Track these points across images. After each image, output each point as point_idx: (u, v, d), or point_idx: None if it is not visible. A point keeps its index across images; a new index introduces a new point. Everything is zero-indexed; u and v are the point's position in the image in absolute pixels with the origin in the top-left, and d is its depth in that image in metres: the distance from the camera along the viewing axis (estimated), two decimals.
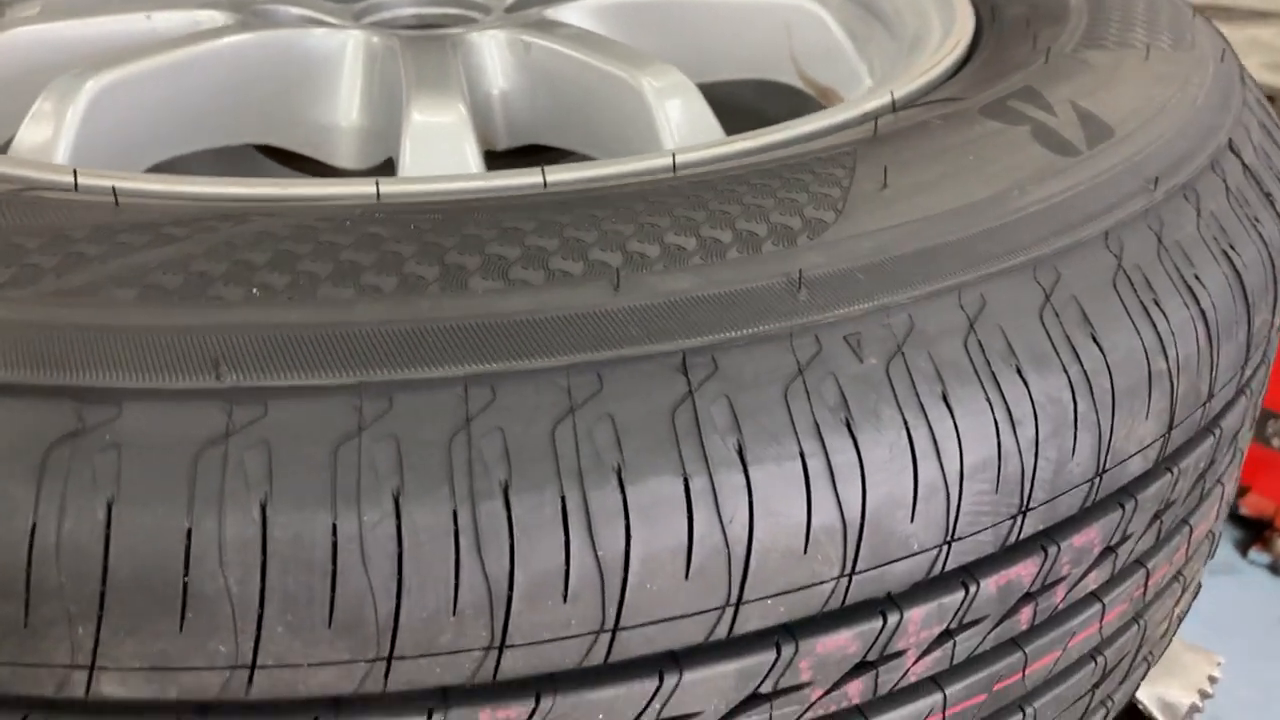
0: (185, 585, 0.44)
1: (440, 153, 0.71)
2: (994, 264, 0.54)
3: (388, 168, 0.87)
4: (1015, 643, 0.58)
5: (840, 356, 0.50)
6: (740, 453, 0.47)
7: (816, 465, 0.48)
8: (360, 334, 0.47)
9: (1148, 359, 0.57)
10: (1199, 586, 0.81)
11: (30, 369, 0.46)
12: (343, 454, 0.45)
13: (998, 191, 0.58)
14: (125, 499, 0.44)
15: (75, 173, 0.59)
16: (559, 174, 0.60)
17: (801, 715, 0.53)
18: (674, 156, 0.60)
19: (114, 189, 0.55)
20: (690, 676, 0.49)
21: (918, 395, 0.50)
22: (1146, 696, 0.85)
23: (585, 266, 0.50)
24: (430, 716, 0.47)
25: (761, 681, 0.51)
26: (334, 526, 0.44)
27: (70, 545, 0.44)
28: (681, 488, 0.47)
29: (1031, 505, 0.54)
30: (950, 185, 0.58)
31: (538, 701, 0.48)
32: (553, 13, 0.91)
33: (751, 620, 0.49)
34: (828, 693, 0.53)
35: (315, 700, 0.47)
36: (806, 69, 0.95)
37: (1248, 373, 0.67)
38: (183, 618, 0.44)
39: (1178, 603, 0.73)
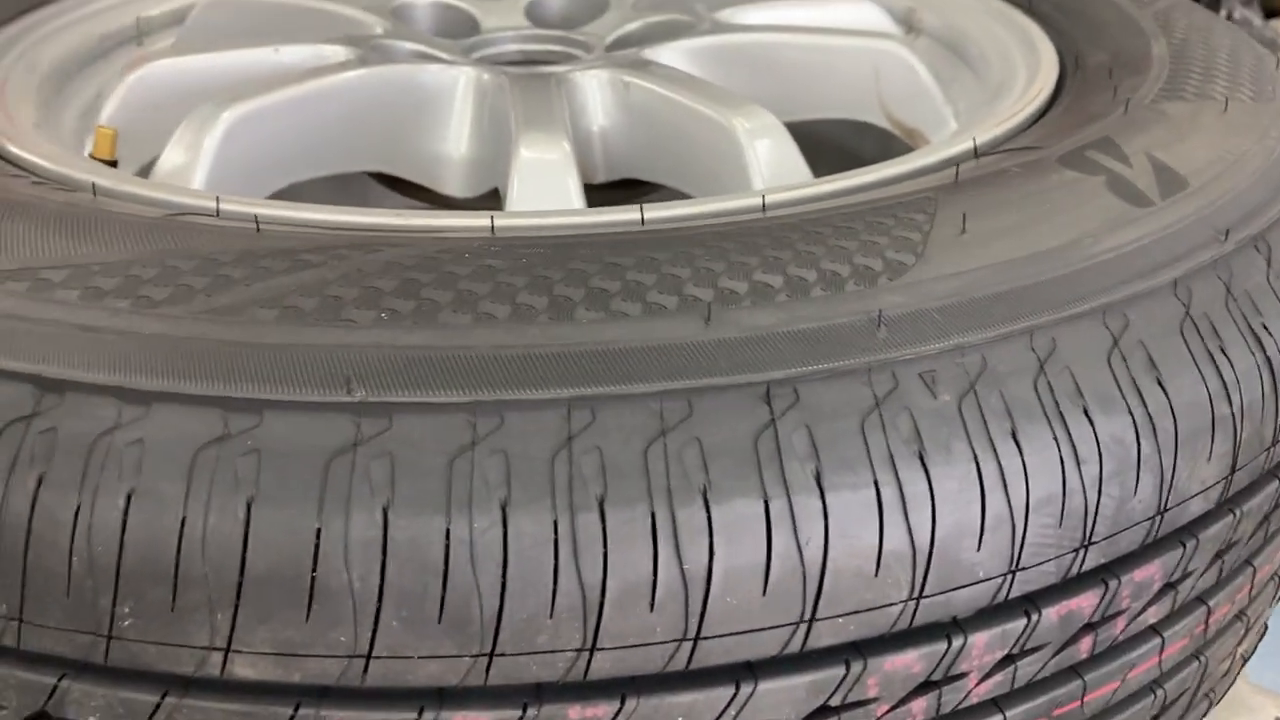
0: (313, 579, 0.49)
1: (545, 188, 0.76)
2: (1065, 309, 0.57)
3: (493, 196, 0.92)
4: (1075, 671, 0.61)
5: (915, 392, 0.54)
6: (818, 479, 0.51)
7: (890, 494, 0.52)
8: (475, 357, 0.52)
9: (1212, 404, 0.60)
10: (1265, 628, 0.82)
11: (183, 379, 0.51)
12: (458, 465, 0.50)
13: (1071, 239, 0.61)
14: (263, 500, 0.49)
15: (218, 199, 0.65)
16: (656, 212, 0.64)
17: None
18: (764, 197, 0.65)
19: (256, 216, 0.60)
20: (765, 687, 0.53)
21: (988, 431, 0.54)
22: None
23: (679, 301, 0.55)
24: (525, 711, 0.52)
25: (831, 695, 0.54)
26: (447, 531, 0.49)
27: (214, 539, 0.49)
28: (762, 509, 0.51)
29: (1094, 540, 0.57)
30: (1026, 232, 0.61)
31: (623, 702, 0.52)
32: (650, 53, 0.96)
33: (824, 637, 0.53)
34: (893, 709, 0.56)
35: (423, 690, 0.52)
36: (893, 111, 0.98)
37: None
38: (309, 609, 0.50)
39: (1241, 642, 0.74)
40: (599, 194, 0.94)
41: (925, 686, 0.56)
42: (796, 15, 1.06)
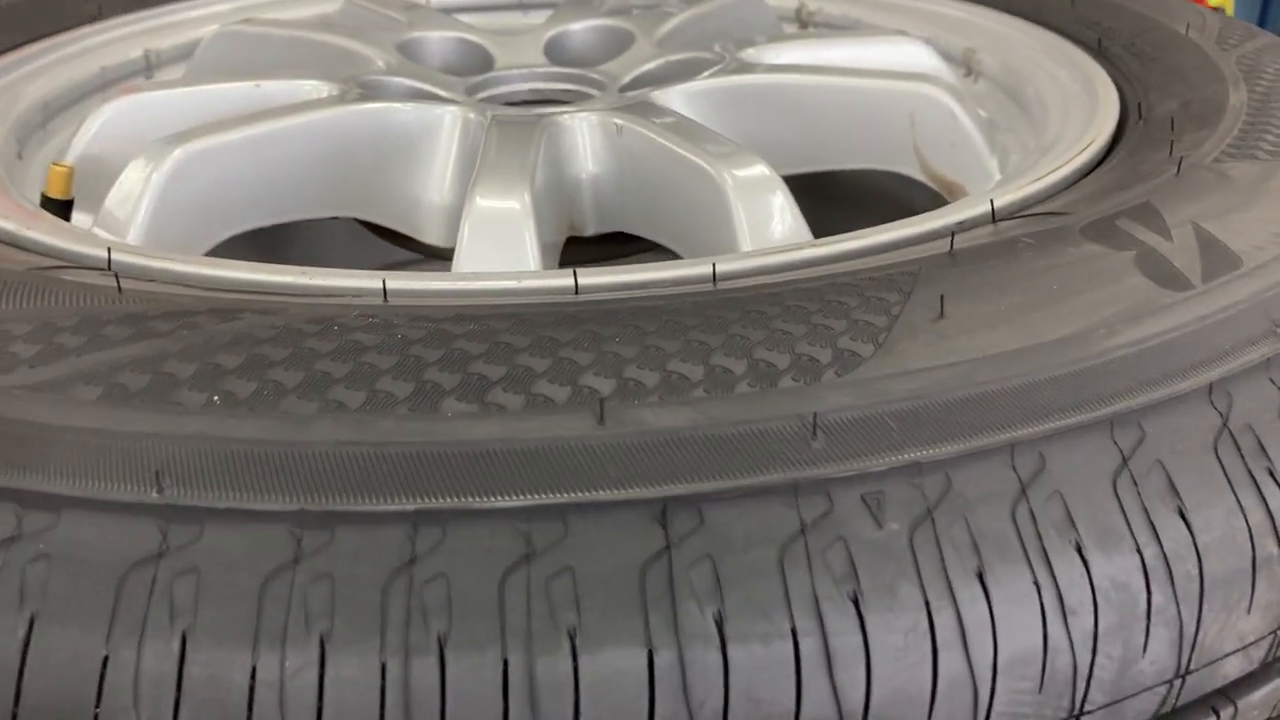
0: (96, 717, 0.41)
1: (500, 241, 0.67)
2: (1060, 418, 0.46)
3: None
4: None
5: (855, 518, 0.43)
6: (719, 626, 0.41)
7: (811, 647, 0.41)
8: (311, 455, 0.43)
9: (1253, 541, 0.48)
10: None
11: None
12: (272, 589, 0.41)
13: (1079, 330, 0.50)
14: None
15: (109, 250, 0.58)
16: (593, 279, 0.55)
17: None
18: (714, 266, 0.55)
19: (118, 274, 0.53)
20: None
21: (945, 571, 0.43)
22: None
23: (572, 392, 0.45)
24: None
25: None
26: (253, 670, 0.40)
27: None
28: (645, 662, 0.41)
29: (1087, 709, 0.45)
30: (1022, 319, 0.50)
31: None
32: (660, 95, 0.87)
33: None
34: None
35: None
36: (930, 162, 0.87)
37: None
38: None
39: None
40: (592, 248, 0.86)
41: None
42: (833, 55, 0.96)
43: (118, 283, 0.53)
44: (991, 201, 0.63)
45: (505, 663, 0.40)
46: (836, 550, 0.42)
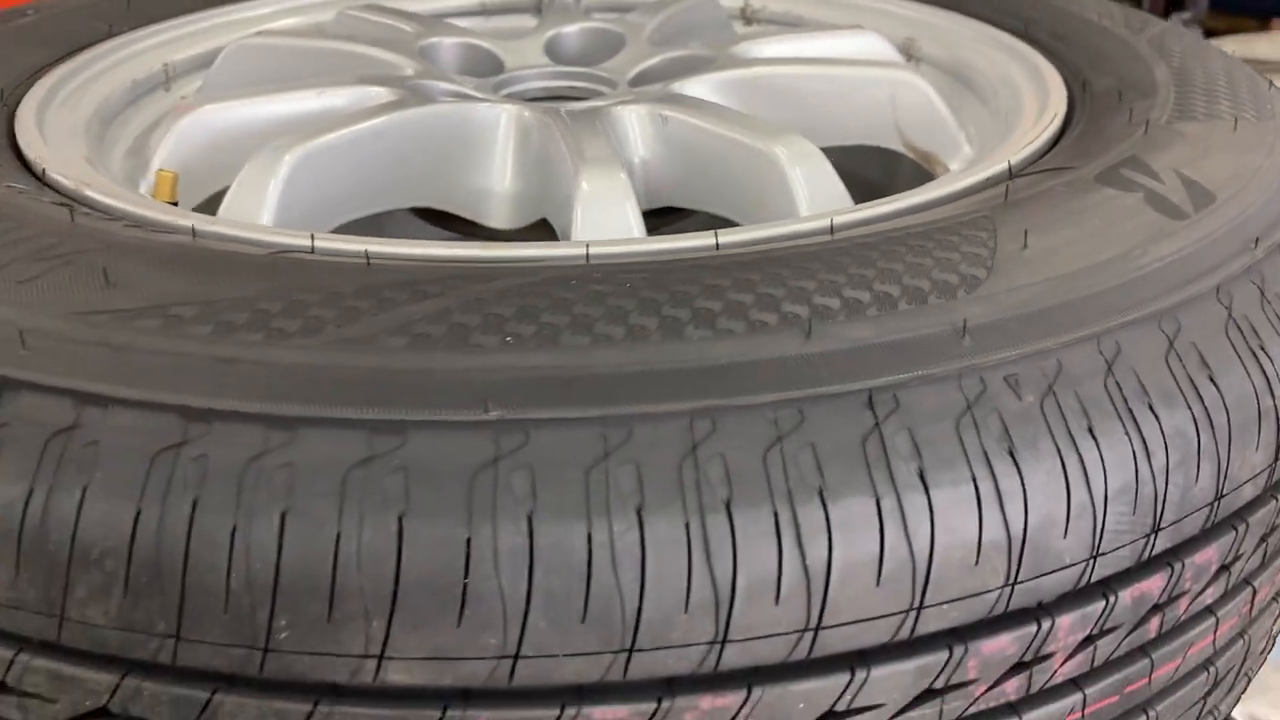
0: (465, 587, 0.53)
1: (607, 217, 0.80)
2: (1124, 315, 0.62)
3: (535, 230, 0.96)
4: (1144, 650, 0.66)
5: (1002, 395, 0.58)
6: (922, 477, 0.55)
7: (986, 489, 0.56)
8: (599, 375, 0.56)
9: (1257, 397, 0.65)
10: None
11: (326, 405, 0.54)
12: (594, 475, 0.53)
13: (1123, 251, 0.66)
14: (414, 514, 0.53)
15: (313, 237, 0.68)
16: (730, 237, 0.69)
17: (966, 709, 0.60)
18: (831, 220, 0.69)
19: (366, 252, 0.64)
20: (877, 672, 0.57)
21: (1068, 428, 0.58)
22: (1239, 713, 0.92)
23: (779, 318, 0.59)
24: (660, 703, 0.55)
25: (935, 678, 0.58)
26: (589, 536, 0.53)
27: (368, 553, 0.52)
28: (874, 507, 0.55)
29: (1162, 525, 0.62)
30: (1081, 246, 0.67)
31: (749, 691, 0.56)
32: (679, 87, 1.01)
33: (930, 623, 0.57)
34: (989, 689, 0.60)
35: (565, 688, 0.55)
36: (910, 137, 1.03)
37: None
38: (461, 615, 0.53)
39: (1276, 621, 0.80)
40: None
41: (1017, 667, 0.61)
42: (805, 48, 1.11)
43: (367, 259, 0.63)
44: (1009, 161, 0.79)
45: (775, 514, 0.54)
46: (993, 418, 0.57)
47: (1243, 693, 0.81)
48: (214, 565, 0.53)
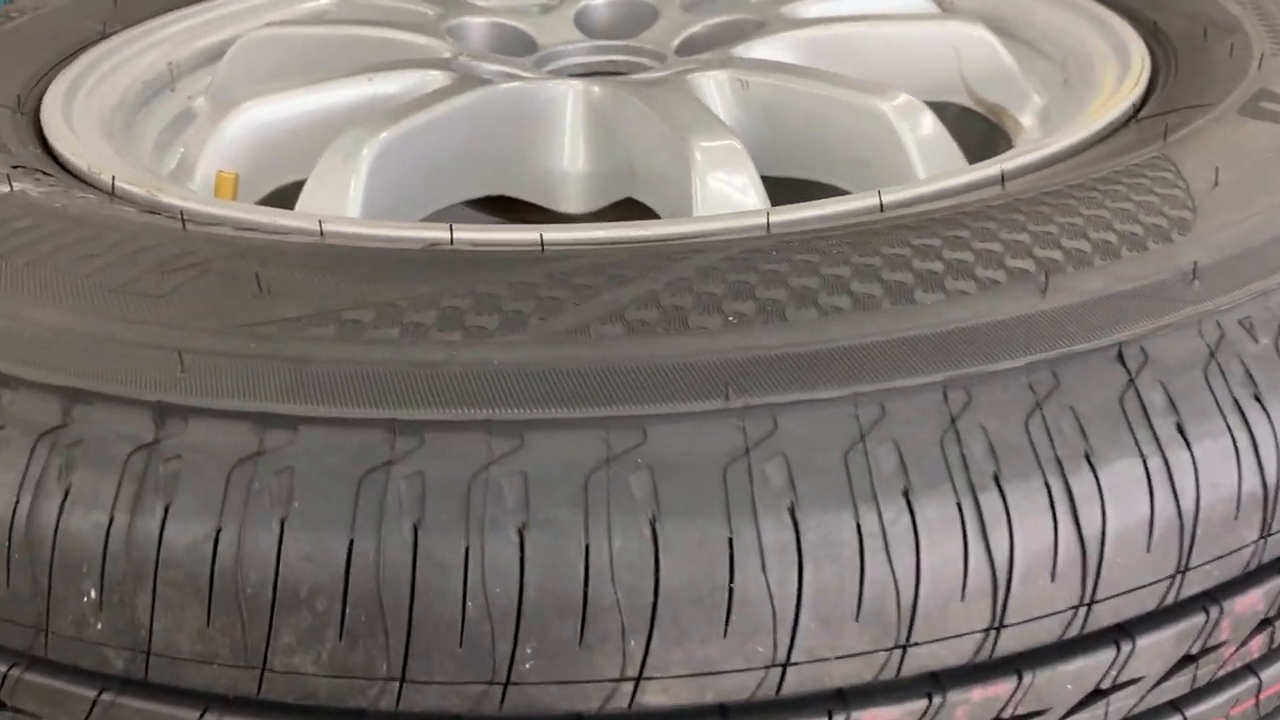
0: (731, 591, 0.48)
1: (729, 185, 0.75)
2: None
3: (609, 212, 0.91)
4: None
5: (1240, 339, 0.55)
6: (1181, 432, 0.52)
7: (1242, 439, 0.53)
8: (841, 349, 0.51)
9: None
10: None
11: (558, 405, 0.49)
12: (853, 459, 0.49)
13: None
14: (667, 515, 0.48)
15: (450, 229, 0.62)
16: (893, 195, 0.65)
17: (1215, 673, 0.58)
18: (1001, 170, 0.66)
19: (541, 237, 0.58)
20: (1141, 643, 0.54)
21: None
22: None
23: (1007, 275, 0.55)
24: (931, 700, 0.51)
25: (1193, 644, 0.55)
26: (858, 526, 0.48)
27: (622, 562, 0.47)
28: (1141, 468, 0.51)
29: None
30: (1264, 178, 0.64)
31: (1020, 678, 0.52)
32: (740, 51, 0.96)
33: (1192, 585, 0.54)
34: (1237, 649, 0.58)
35: (831, 693, 0.51)
36: (977, 90, 1.00)
37: None
38: (728, 622, 0.48)
39: None
40: None
41: (1263, 624, 0.58)
42: (852, 4, 1.07)
43: (542, 245, 0.58)
44: (1135, 105, 0.77)
45: (1047, 485, 0.50)
46: (1235, 364, 0.54)
47: None
48: (446, 593, 0.48)
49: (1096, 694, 0.54)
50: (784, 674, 0.49)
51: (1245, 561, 0.55)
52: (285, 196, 0.90)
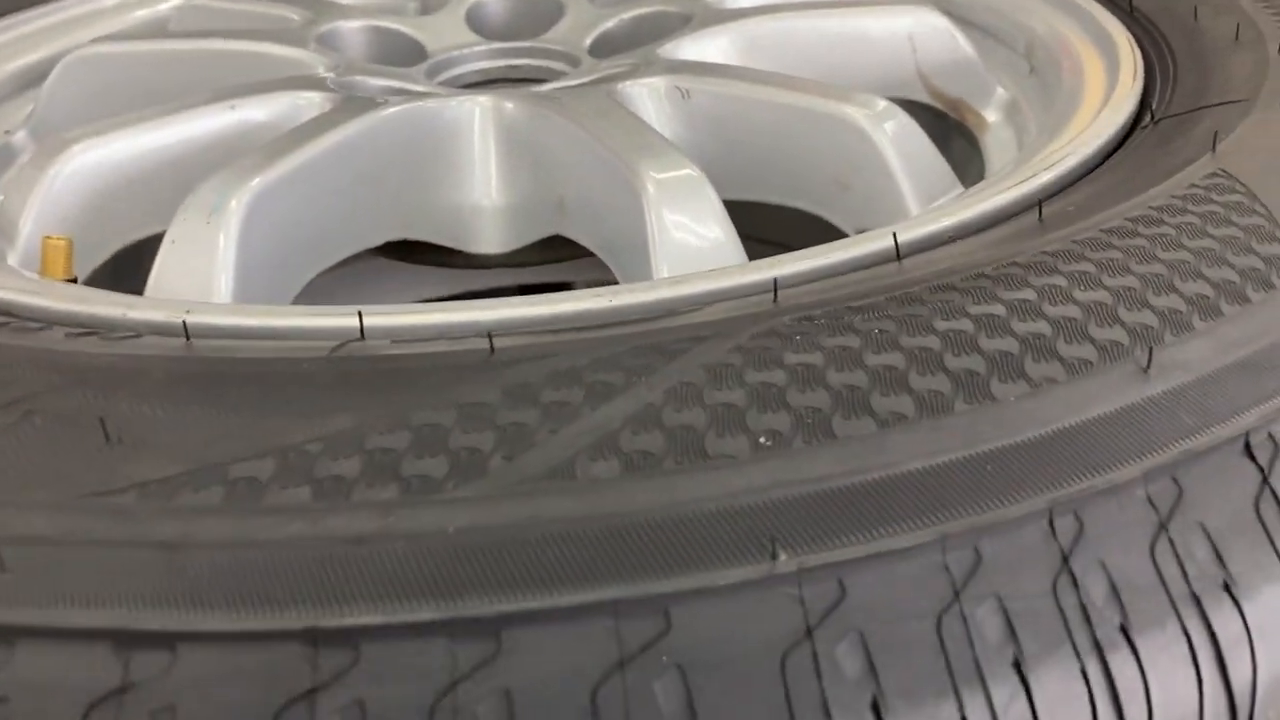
0: None
1: (691, 217, 0.62)
2: None
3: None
4: None
5: None
6: None
7: None
8: (912, 474, 0.39)
9: None
10: None
11: (545, 589, 0.35)
12: (947, 625, 0.37)
13: None
14: None
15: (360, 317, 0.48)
16: (911, 233, 0.53)
17: None
18: (1040, 205, 0.54)
19: (490, 338, 0.44)
20: None
21: None
22: None
23: (1096, 349, 0.43)
24: None
25: None
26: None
27: None
28: None
29: None
30: None
31: None
32: (666, 52, 0.83)
33: None
34: None
35: None
36: (935, 83, 0.89)
37: None
38: None
39: None
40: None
41: None
42: None
43: (491, 346, 0.44)
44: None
45: (1184, 629, 0.38)
46: None
47: None
48: None
49: None
50: None
51: None
52: (129, 259, 0.74)
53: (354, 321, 0.48)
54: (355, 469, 0.38)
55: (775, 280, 0.47)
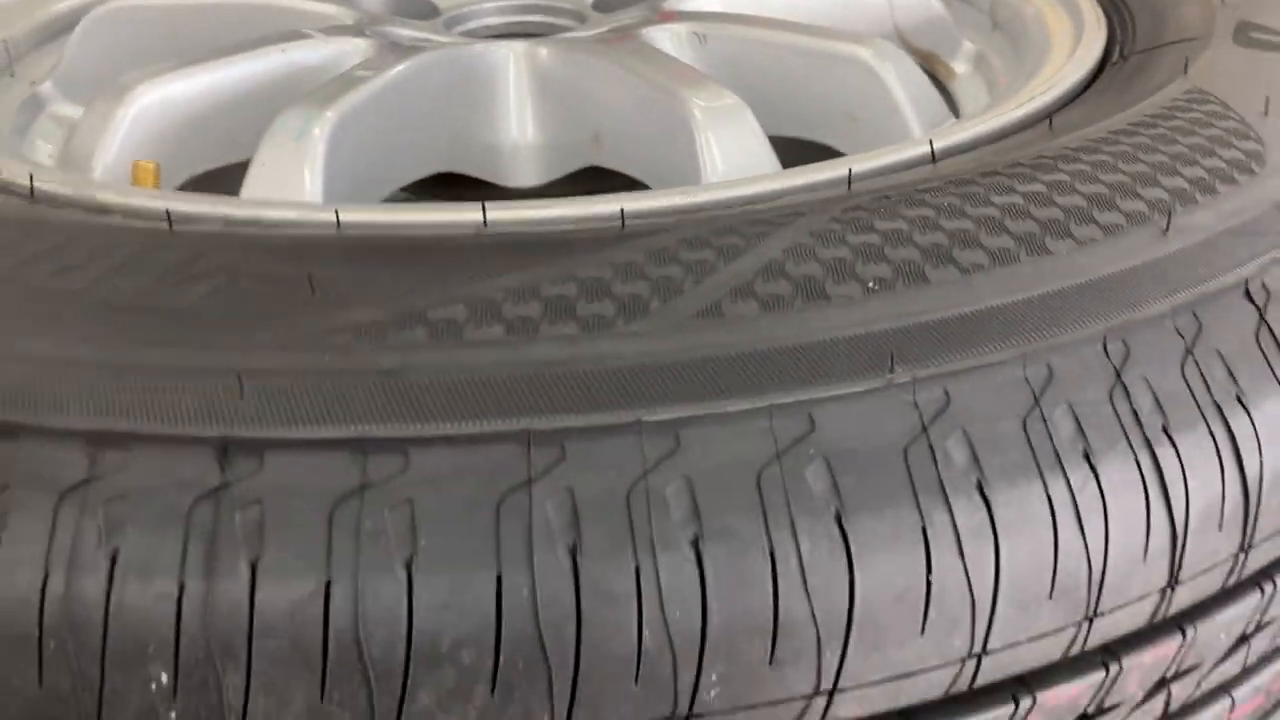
0: (929, 585, 0.43)
1: (739, 139, 0.69)
2: None
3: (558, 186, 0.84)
4: None
5: None
6: None
7: None
8: (1004, 307, 0.47)
9: None
10: None
11: (713, 398, 0.43)
12: (1031, 425, 0.45)
13: None
14: (853, 510, 0.42)
15: (483, 208, 0.55)
16: (944, 140, 0.61)
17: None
18: (1051, 117, 0.63)
19: (621, 210, 0.51)
20: None
21: None
22: None
23: (1126, 218, 0.52)
24: (1108, 669, 0.48)
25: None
26: (1049, 498, 0.44)
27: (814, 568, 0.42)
28: None
29: None
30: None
31: (1183, 634, 0.50)
32: (672, 4, 0.90)
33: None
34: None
35: (1018, 677, 0.47)
36: (911, 38, 0.98)
37: None
38: (925, 619, 0.43)
39: None
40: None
41: None
42: None
43: (623, 221, 0.51)
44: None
45: (1210, 432, 0.48)
46: None
47: None
48: (616, 625, 0.41)
49: (1244, 639, 0.53)
50: (979, 665, 0.45)
51: None
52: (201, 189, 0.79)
53: (479, 215, 0.54)
54: (538, 311, 0.45)
55: (850, 171, 0.56)
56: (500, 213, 0.55)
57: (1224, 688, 0.55)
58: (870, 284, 0.47)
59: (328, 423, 0.42)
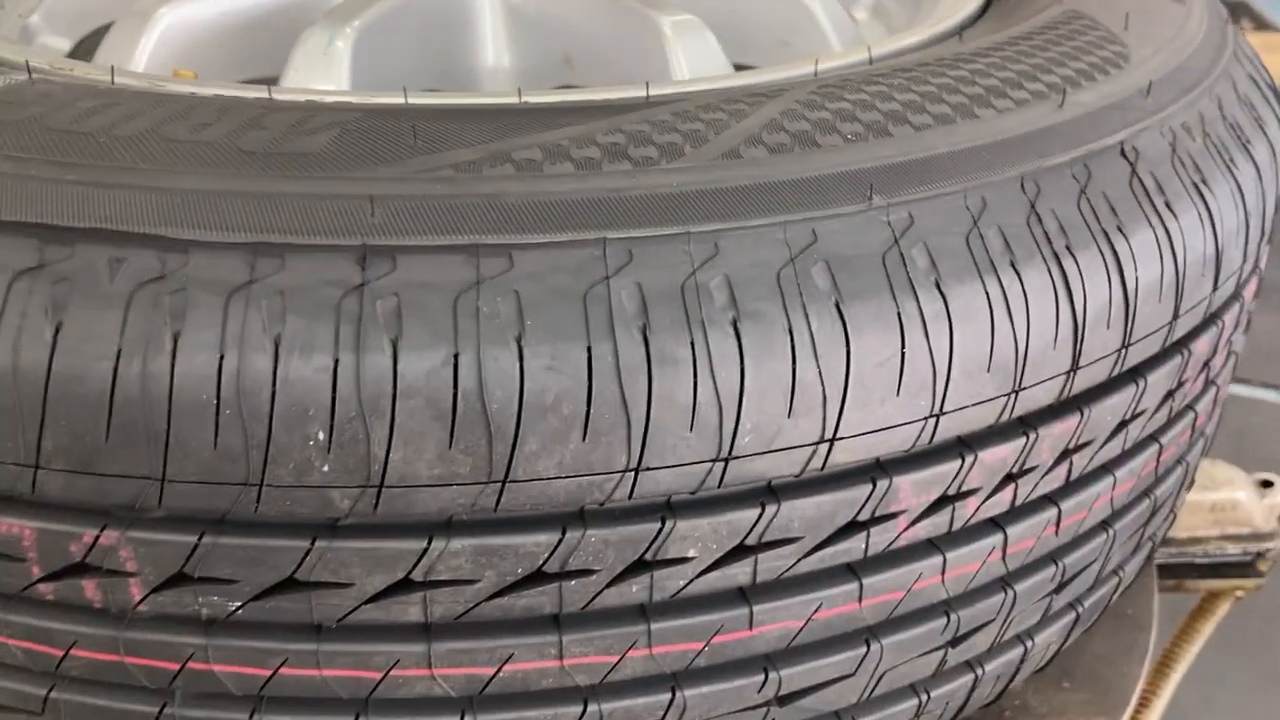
0: (902, 355, 0.57)
1: (703, 51, 0.82)
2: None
3: None
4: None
5: (1184, 139, 0.70)
6: (1169, 208, 0.67)
7: (1203, 212, 0.69)
8: (954, 154, 0.61)
9: None
10: None
11: (743, 216, 0.56)
12: (972, 240, 0.59)
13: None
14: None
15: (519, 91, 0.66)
16: (883, 49, 0.76)
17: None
18: (960, 31, 0.78)
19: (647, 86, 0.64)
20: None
21: (1227, 161, 0.72)
22: None
23: (1031, 95, 0.67)
24: (1028, 437, 0.63)
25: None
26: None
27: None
28: (1153, 235, 0.65)
29: None
30: (1153, 20, 0.80)
31: (1082, 413, 0.65)
32: None
33: (1179, 329, 0.69)
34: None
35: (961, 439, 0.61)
36: None
37: None
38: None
39: None
40: None
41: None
42: None
43: (647, 93, 0.63)
44: None
45: (1114, 249, 0.63)
46: (1188, 157, 0.69)
47: None
48: (677, 384, 0.54)
49: (1121, 425, 0.68)
50: (938, 424, 0.59)
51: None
52: None
53: (516, 99, 0.66)
54: (597, 154, 0.58)
55: (816, 66, 0.69)
56: (546, 97, 0.67)
57: (1107, 467, 0.71)
58: (848, 136, 0.61)
59: (448, 233, 0.53)
